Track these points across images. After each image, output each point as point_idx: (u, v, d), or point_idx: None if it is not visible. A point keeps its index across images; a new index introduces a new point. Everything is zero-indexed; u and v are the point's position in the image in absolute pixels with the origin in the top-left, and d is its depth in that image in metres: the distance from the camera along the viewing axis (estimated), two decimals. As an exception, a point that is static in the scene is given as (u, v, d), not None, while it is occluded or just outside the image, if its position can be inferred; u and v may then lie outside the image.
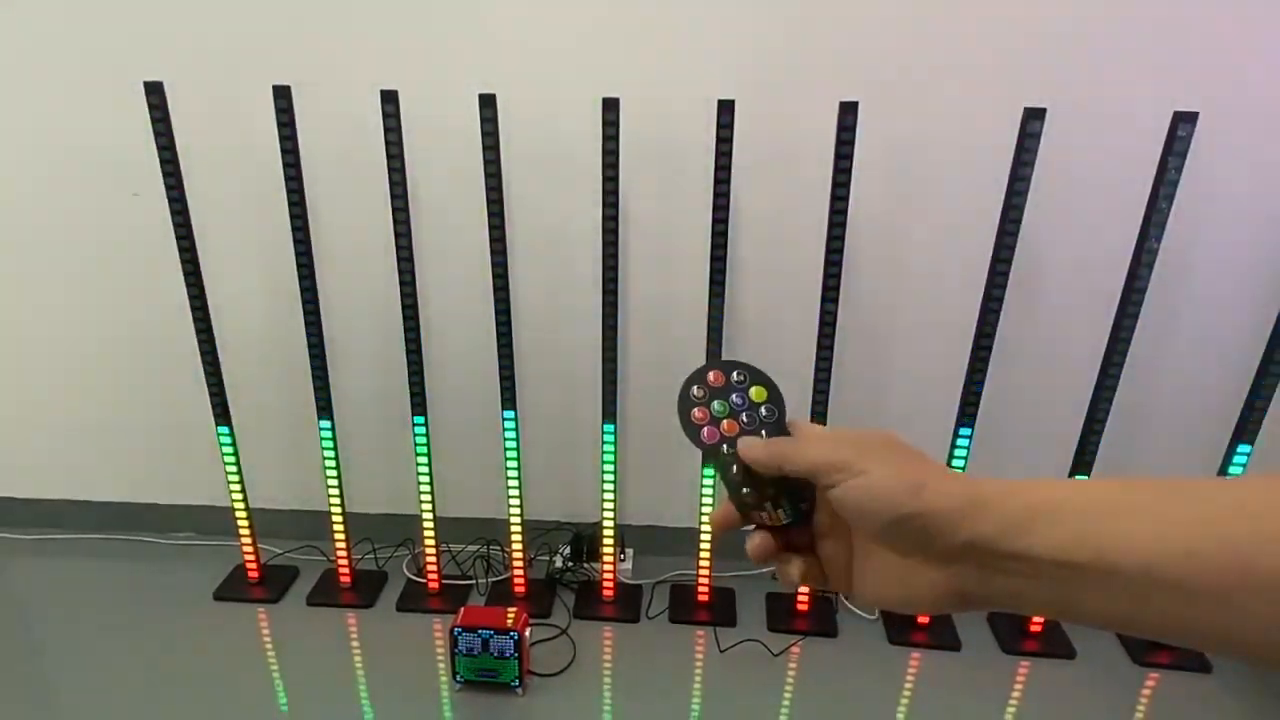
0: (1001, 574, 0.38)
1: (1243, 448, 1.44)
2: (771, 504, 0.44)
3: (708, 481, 1.63)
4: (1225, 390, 1.50)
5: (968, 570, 0.39)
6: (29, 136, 1.64)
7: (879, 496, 0.39)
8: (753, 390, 0.46)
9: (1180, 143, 1.24)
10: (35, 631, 1.68)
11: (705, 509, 1.64)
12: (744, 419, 0.45)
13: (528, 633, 1.48)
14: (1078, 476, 1.50)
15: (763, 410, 0.46)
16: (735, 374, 0.47)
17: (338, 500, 1.71)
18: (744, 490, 0.44)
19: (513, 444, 1.63)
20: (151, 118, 1.38)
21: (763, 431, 0.45)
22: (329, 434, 1.65)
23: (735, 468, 0.45)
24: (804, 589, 1.69)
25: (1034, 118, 1.26)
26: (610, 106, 1.34)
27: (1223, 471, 1.47)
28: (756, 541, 0.45)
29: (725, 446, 0.45)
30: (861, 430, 0.42)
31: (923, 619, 1.68)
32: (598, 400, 1.57)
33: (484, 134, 1.37)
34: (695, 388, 0.46)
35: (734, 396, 0.46)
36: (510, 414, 1.60)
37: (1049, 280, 1.59)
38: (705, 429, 0.46)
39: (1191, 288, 1.56)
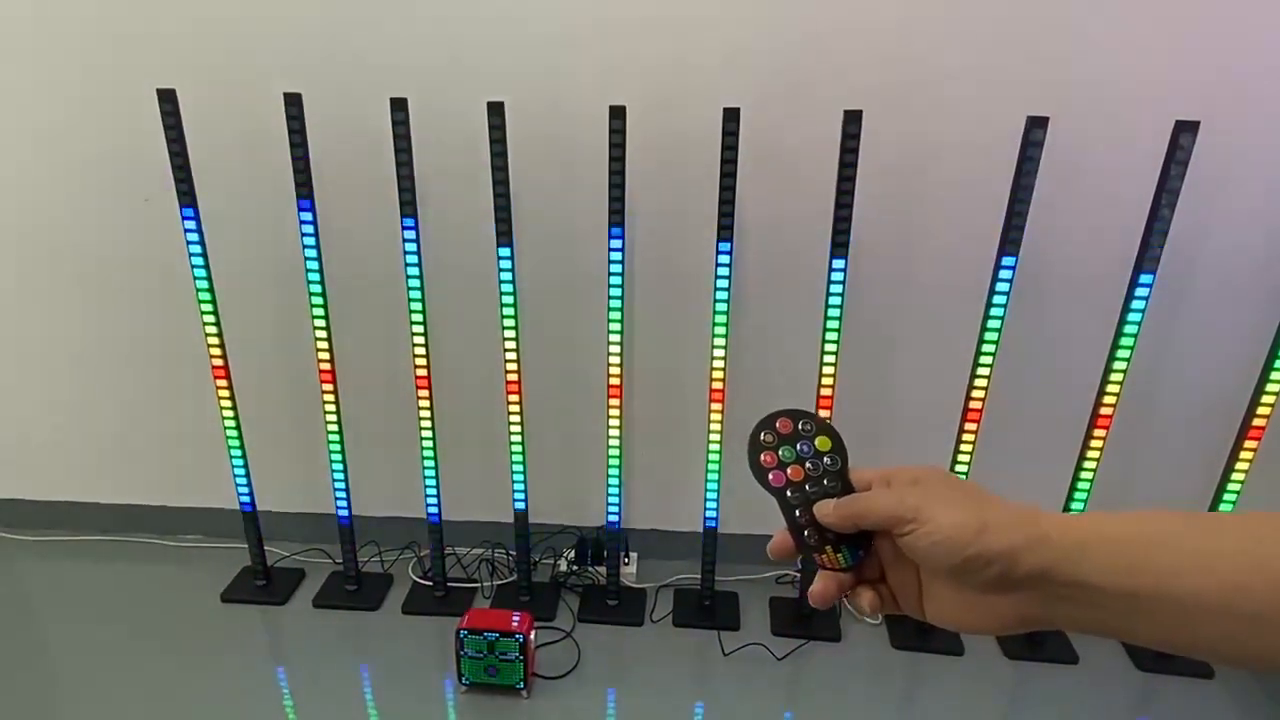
0: (1062, 600, 0.41)
1: (1242, 456, 1.45)
2: (831, 548, 0.47)
3: (712, 486, 1.63)
4: (1227, 397, 1.51)
5: (1031, 596, 0.42)
6: (44, 141, 1.66)
7: (945, 541, 0.42)
8: (818, 440, 0.49)
9: (1182, 152, 1.25)
10: (42, 633, 1.69)
11: (709, 513, 1.64)
12: (809, 466, 0.48)
13: (533, 635, 1.49)
14: (1079, 483, 1.51)
15: (826, 459, 0.48)
16: (802, 423, 0.49)
17: (344, 503, 1.73)
18: (805, 534, 0.48)
19: (519, 448, 1.64)
20: (165, 124, 1.40)
21: (825, 480, 0.48)
22: (336, 437, 1.66)
23: (799, 512, 0.48)
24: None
25: (1037, 126, 1.28)
26: (617, 114, 1.36)
27: (1224, 478, 1.47)
28: (819, 588, 0.48)
29: (789, 492, 0.48)
30: (917, 470, 0.45)
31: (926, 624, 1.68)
32: (604, 406, 1.59)
33: (492, 140, 1.38)
34: (764, 433, 0.49)
35: (800, 445, 0.49)
36: (516, 418, 1.61)
37: (1052, 288, 1.59)
38: (772, 473, 0.49)
39: (1195, 293, 1.57)
